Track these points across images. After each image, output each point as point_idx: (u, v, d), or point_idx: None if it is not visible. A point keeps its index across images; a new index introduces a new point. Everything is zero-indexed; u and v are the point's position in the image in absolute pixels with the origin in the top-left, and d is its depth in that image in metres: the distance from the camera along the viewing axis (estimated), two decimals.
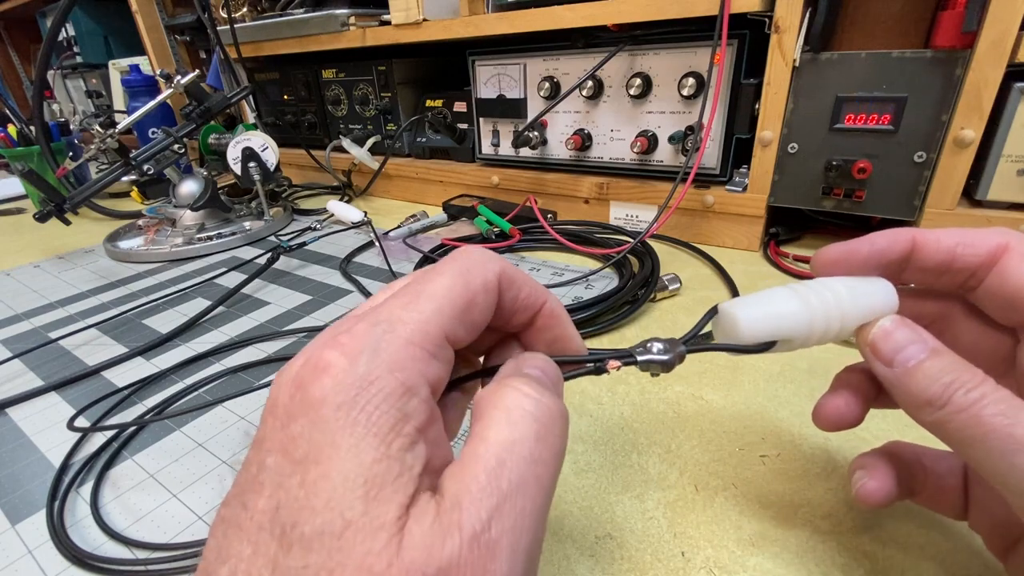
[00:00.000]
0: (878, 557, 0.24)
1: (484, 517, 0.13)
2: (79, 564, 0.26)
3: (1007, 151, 0.45)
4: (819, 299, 0.19)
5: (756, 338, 0.19)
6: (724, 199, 0.59)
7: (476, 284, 0.16)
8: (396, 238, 0.68)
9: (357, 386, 0.13)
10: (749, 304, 0.20)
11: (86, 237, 0.79)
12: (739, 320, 0.19)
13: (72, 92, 1.50)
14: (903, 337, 0.18)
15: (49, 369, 0.44)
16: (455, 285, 0.16)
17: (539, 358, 0.18)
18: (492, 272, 0.17)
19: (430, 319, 0.15)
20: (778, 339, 0.20)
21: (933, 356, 0.17)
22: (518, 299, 0.18)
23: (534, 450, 0.14)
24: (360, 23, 0.79)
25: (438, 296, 0.15)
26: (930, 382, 0.17)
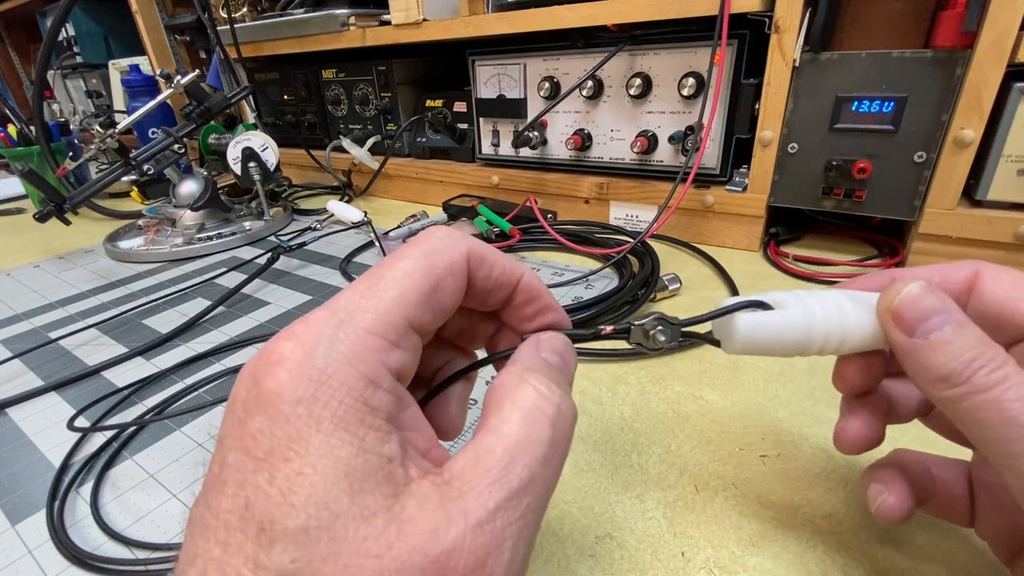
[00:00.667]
0: (878, 557, 0.24)
1: (491, 507, 0.13)
2: (79, 564, 0.26)
3: (1007, 151, 0.45)
4: (824, 317, 0.19)
5: (749, 348, 0.19)
6: (724, 199, 0.59)
7: (441, 266, 0.16)
8: (396, 238, 0.68)
9: (316, 380, 0.13)
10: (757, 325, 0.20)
11: (86, 237, 0.79)
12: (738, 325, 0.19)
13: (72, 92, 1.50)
14: (929, 305, 0.17)
15: (49, 369, 0.44)
16: (417, 269, 0.15)
17: (558, 339, 0.18)
18: (459, 253, 0.16)
19: (390, 307, 0.15)
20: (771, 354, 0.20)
21: (958, 329, 0.16)
22: (491, 277, 0.17)
23: (547, 454, 0.14)
24: (360, 23, 0.79)
25: (399, 281, 0.15)
26: (951, 358, 0.16)
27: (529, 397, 0.15)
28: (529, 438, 0.14)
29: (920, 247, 0.51)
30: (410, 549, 0.12)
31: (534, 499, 0.14)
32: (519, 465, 0.13)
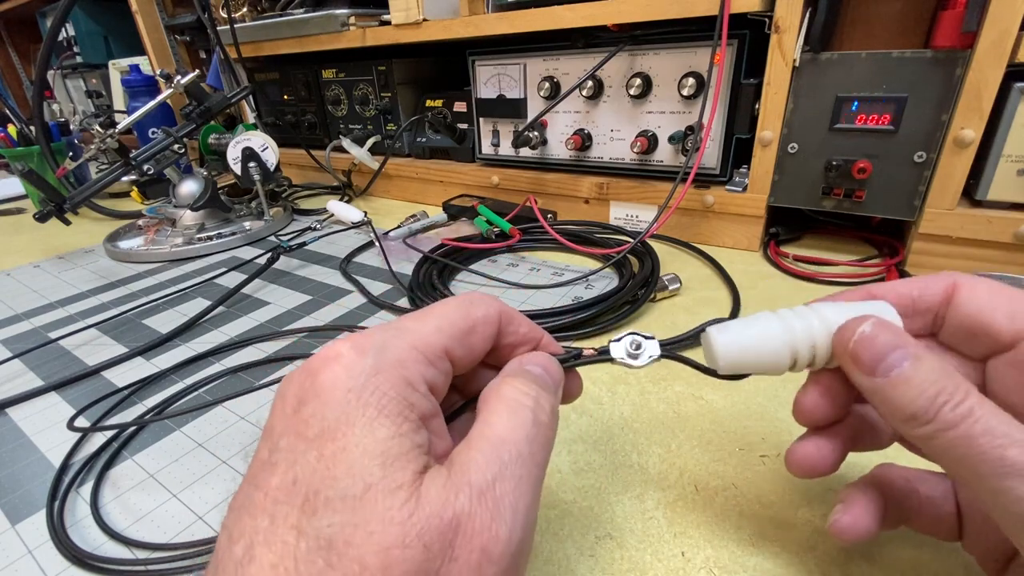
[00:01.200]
0: (877, 557, 0.24)
1: (489, 478, 0.15)
2: (79, 564, 0.26)
3: (1007, 151, 0.45)
4: (805, 328, 0.19)
5: (731, 365, 0.20)
6: (724, 199, 0.59)
7: (477, 314, 0.19)
8: (396, 238, 0.68)
9: (366, 374, 0.15)
10: (731, 331, 0.20)
11: (86, 237, 0.79)
12: (715, 344, 0.20)
13: (72, 92, 1.50)
14: (885, 342, 0.17)
15: (49, 369, 0.44)
16: (459, 312, 0.19)
17: (540, 355, 0.20)
18: (492, 308, 0.20)
19: (432, 333, 0.17)
20: (754, 371, 0.20)
21: (916, 363, 0.16)
22: (519, 333, 0.21)
23: (530, 433, 0.17)
24: (360, 23, 0.79)
25: (443, 316, 0.18)
26: (916, 394, 0.16)
27: (508, 393, 0.18)
28: (513, 422, 0.17)
29: (920, 247, 0.51)
30: (427, 515, 0.14)
31: (523, 471, 0.16)
32: (508, 444, 0.16)
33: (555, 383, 0.20)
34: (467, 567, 0.14)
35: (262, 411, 0.37)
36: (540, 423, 0.17)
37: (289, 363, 0.43)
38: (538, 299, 0.51)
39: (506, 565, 0.15)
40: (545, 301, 0.50)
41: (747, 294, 0.49)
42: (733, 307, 0.47)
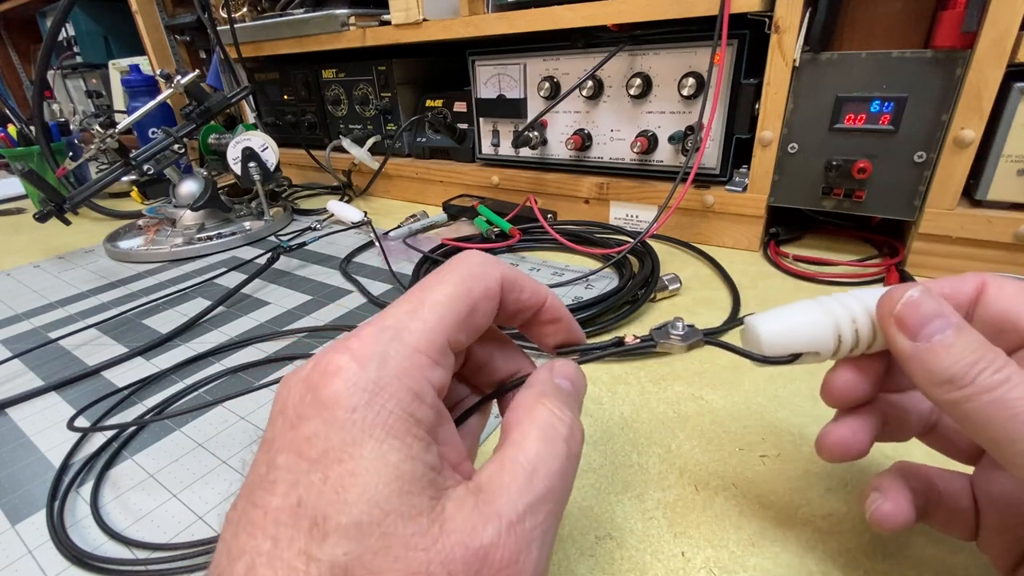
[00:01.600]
0: (877, 557, 0.24)
1: (520, 510, 0.14)
2: (79, 564, 0.26)
3: (1007, 151, 0.45)
4: (844, 309, 0.19)
5: (778, 348, 0.20)
6: (724, 199, 0.59)
7: (478, 291, 0.17)
8: (396, 238, 0.68)
9: (370, 391, 0.14)
10: (772, 318, 0.20)
11: (86, 237, 0.79)
12: (760, 335, 0.20)
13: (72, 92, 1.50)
14: (930, 309, 0.17)
15: (49, 369, 0.44)
16: (458, 293, 0.17)
17: (569, 366, 0.19)
18: (494, 279, 0.18)
19: (435, 327, 0.16)
20: (802, 352, 0.20)
21: (958, 331, 0.17)
22: (521, 299, 0.19)
23: (563, 467, 0.16)
24: (360, 23, 0.79)
25: (442, 304, 0.17)
26: (954, 360, 0.16)
27: (544, 418, 0.16)
28: (547, 452, 0.16)
29: (920, 247, 0.51)
30: (452, 544, 0.13)
31: (553, 505, 0.15)
32: (540, 475, 0.15)
33: (581, 396, 0.19)
34: None
35: (262, 411, 0.37)
36: (572, 455, 0.16)
37: (289, 363, 0.43)
38: None
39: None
40: None
41: (747, 294, 0.49)
42: (733, 307, 0.47)
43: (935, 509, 0.22)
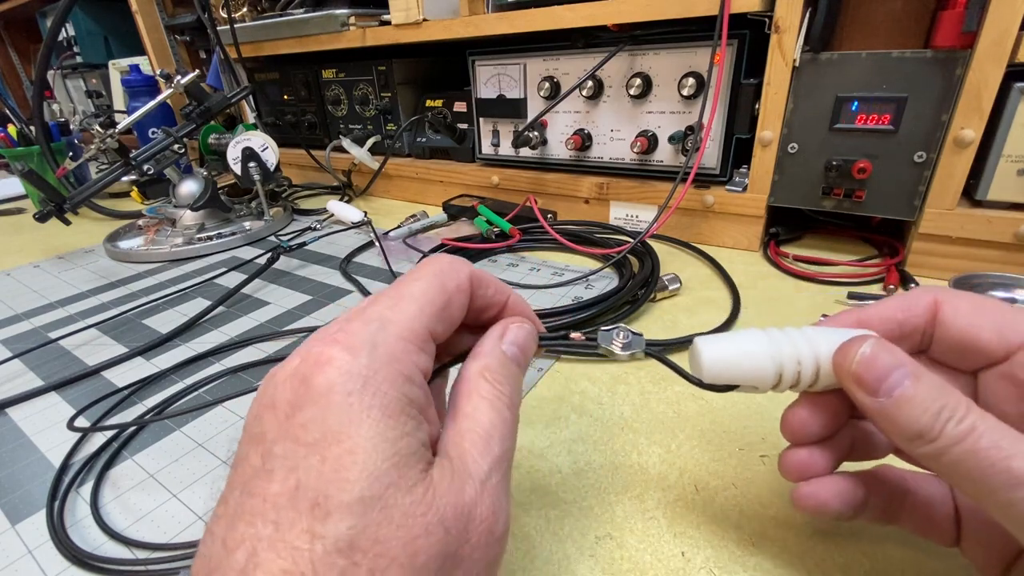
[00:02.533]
0: (878, 557, 0.24)
1: (486, 470, 0.16)
2: (79, 564, 0.26)
3: (1007, 151, 0.45)
4: (791, 347, 0.19)
5: (716, 377, 0.20)
6: (724, 199, 0.59)
7: (451, 286, 0.19)
8: (396, 238, 0.68)
9: (363, 376, 0.15)
10: (717, 345, 0.20)
11: (86, 237, 0.79)
12: (703, 361, 0.20)
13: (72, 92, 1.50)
14: (885, 362, 0.17)
15: (49, 369, 0.44)
16: (433, 287, 0.18)
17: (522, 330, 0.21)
18: (463, 274, 0.20)
19: (415, 317, 0.17)
20: (738, 382, 0.20)
21: (916, 381, 0.17)
22: (487, 295, 0.21)
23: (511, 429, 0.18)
24: (360, 23, 0.79)
25: (418, 298, 0.18)
26: (919, 412, 0.16)
27: (489, 390, 0.18)
28: (497, 420, 0.18)
29: (920, 247, 0.51)
30: (444, 505, 0.15)
31: (507, 462, 0.18)
32: (495, 439, 0.17)
33: (527, 360, 0.21)
34: (479, 547, 0.15)
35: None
36: (515, 418, 0.19)
37: None
38: (538, 299, 0.51)
39: (504, 543, 0.17)
40: (545, 301, 0.50)
41: (747, 294, 0.49)
42: (733, 307, 0.47)
43: (911, 514, 0.22)
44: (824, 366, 0.19)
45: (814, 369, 0.19)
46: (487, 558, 0.16)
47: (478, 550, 0.15)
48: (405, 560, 0.14)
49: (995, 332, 0.18)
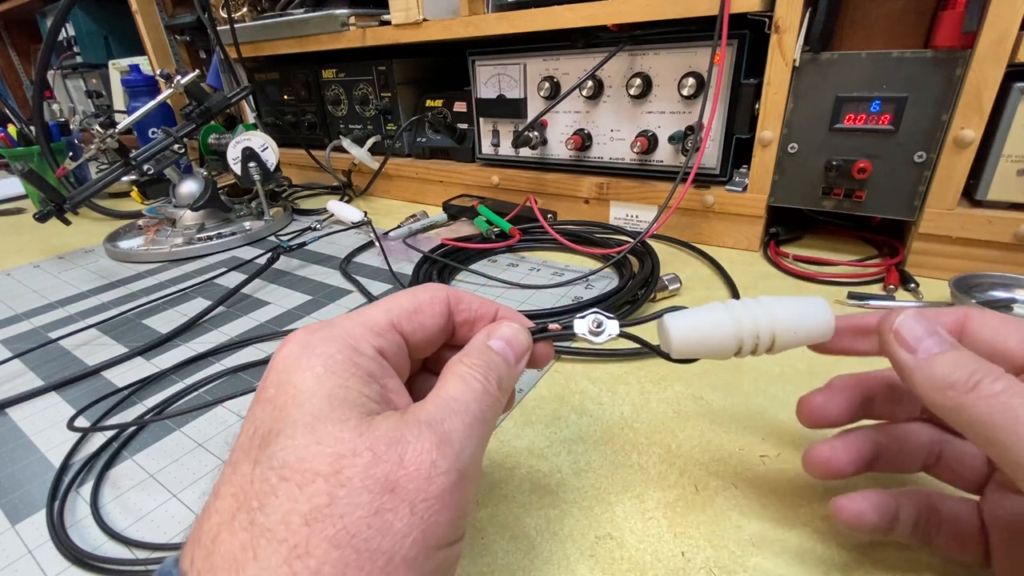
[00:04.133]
0: (878, 557, 0.24)
1: (438, 418, 0.17)
2: (79, 564, 0.26)
3: (1007, 151, 0.45)
4: (751, 318, 0.22)
5: (683, 350, 0.22)
6: (724, 199, 0.59)
7: (422, 296, 0.21)
8: (396, 238, 0.68)
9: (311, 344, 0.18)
10: (685, 319, 0.22)
11: (86, 237, 0.79)
12: (671, 337, 0.22)
13: (72, 92, 1.50)
14: (926, 328, 0.19)
15: (49, 369, 0.44)
16: (402, 296, 0.21)
17: (507, 328, 0.22)
18: (439, 290, 0.22)
19: (380, 313, 0.20)
20: (702, 356, 0.22)
21: (955, 349, 0.19)
22: (472, 308, 0.23)
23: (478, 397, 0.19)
24: (360, 23, 0.79)
25: (389, 300, 0.21)
26: (955, 367, 0.18)
27: (461, 369, 0.19)
28: (463, 388, 0.19)
29: (920, 247, 0.51)
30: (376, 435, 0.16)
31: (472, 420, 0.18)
32: (458, 401, 0.18)
33: (518, 354, 0.22)
34: (416, 478, 0.15)
35: None
36: (489, 392, 0.19)
37: None
38: (538, 299, 0.51)
39: (455, 479, 0.16)
40: (545, 301, 0.50)
41: (747, 294, 0.49)
42: None
43: (938, 531, 0.22)
44: (780, 334, 0.21)
45: (770, 337, 0.22)
46: (427, 492, 0.15)
47: (414, 481, 0.15)
48: (330, 474, 0.15)
49: (1019, 342, 0.19)
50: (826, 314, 0.22)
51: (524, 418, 0.35)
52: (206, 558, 0.15)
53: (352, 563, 0.14)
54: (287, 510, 0.14)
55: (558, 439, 0.33)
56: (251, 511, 0.15)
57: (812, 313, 0.22)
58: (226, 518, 0.15)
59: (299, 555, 0.14)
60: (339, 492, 0.15)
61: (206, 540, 0.15)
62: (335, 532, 0.14)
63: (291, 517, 0.14)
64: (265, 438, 0.16)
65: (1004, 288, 0.44)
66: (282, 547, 0.14)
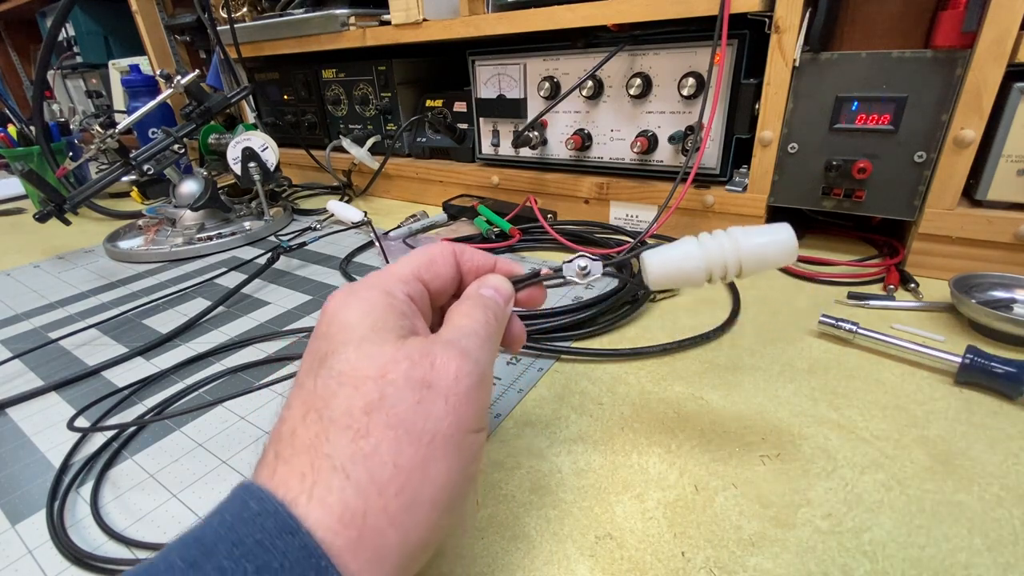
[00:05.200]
0: (878, 557, 0.24)
1: (455, 338, 0.21)
2: (79, 564, 0.26)
3: (1007, 151, 0.45)
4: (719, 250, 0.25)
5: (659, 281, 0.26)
6: (724, 199, 0.59)
7: (434, 250, 0.26)
8: (396, 238, 0.68)
9: (356, 290, 0.22)
10: (660, 254, 0.26)
11: (86, 237, 0.79)
12: (647, 264, 0.26)
13: (72, 92, 1.50)
14: None
15: (49, 369, 0.44)
16: (418, 253, 0.25)
17: (494, 278, 0.26)
18: (447, 245, 0.26)
19: (403, 266, 0.24)
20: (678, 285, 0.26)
21: None
22: (474, 260, 0.27)
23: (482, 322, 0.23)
24: (360, 23, 0.79)
25: (410, 258, 0.25)
26: None
27: (464, 308, 0.23)
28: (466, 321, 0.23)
29: (920, 247, 0.51)
30: (411, 347, 0.20)
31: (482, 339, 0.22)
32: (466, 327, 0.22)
33: (505, 297, 0.26)
34: (447, 374, 0.19)
35: (262, 411, 0.37)
36: (488, 321, 0.23)
37: (289, 363, 0.43)
38: None
39: (476, 380, 0.20)
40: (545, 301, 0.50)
41: (747, 294, 0.49)
42: (733, 307, 0.47)
43: None
44: (746, 261, 0.25)
45: (737, 264, 0.25)
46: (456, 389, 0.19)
47: (444, 380, 0.19)
48: (378, 377, 0.19)
49: None
50: (788, 239, 0.24)
51: (524, 418, 0.35)
52: (289, 446, 0.18)
53: (404, 439, 0.18)
54: (348, 405, 0.18)
55: (558, 439, 0.33)
56: (319, 410, 0.18)
57: (776, 240, 0.24)
58: (298, 419, 0.19)
59: (363, 435, 0.18)
60: (388, 389, 0.18)
61: (285, 436, 0.18)
62: (388, 418, 0.18)
63: (352, 410, 0.18)
64: (323, 360, 0.20)
65: (1004, 288, 0.44)
66: (348, 431, 0.18)
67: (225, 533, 0.16)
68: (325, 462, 0.17)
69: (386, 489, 0.17)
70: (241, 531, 0.16)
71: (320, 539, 0.16)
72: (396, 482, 0.17)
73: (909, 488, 0.28)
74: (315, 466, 0.17)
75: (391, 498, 0.17)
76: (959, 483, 0.28)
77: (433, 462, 0.18)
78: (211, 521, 0.17)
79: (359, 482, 0.17)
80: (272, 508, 0.16)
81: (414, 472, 0.18)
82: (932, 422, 0.33)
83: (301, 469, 0.17)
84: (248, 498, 0.17)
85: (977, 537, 0.25)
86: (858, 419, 0.33)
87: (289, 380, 0.40)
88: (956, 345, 0.38)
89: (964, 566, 0.24)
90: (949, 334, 0.41)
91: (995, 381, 0.34)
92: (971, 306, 0.40)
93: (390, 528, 0.17)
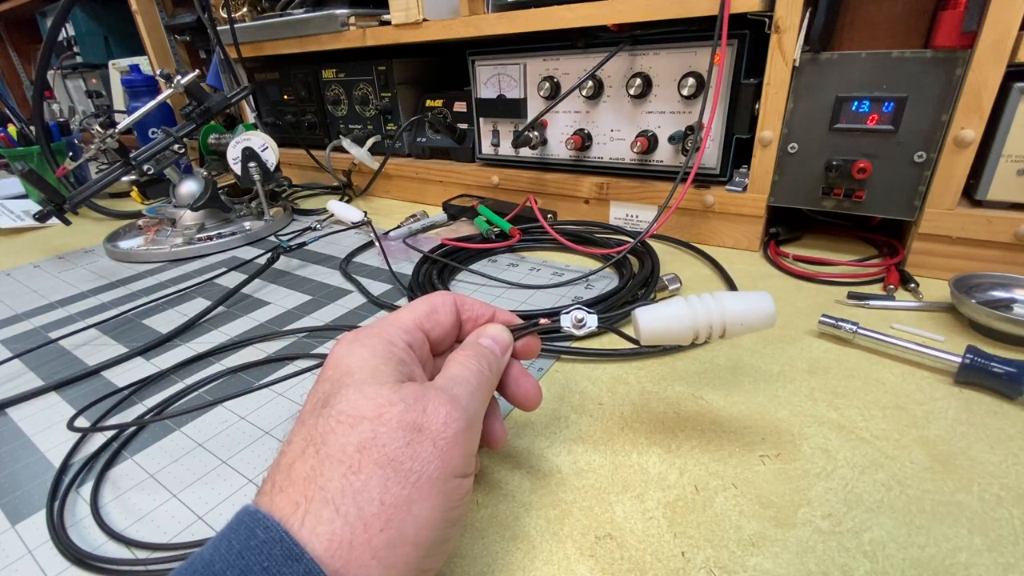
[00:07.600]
0: (878, 557, 0.24)
1: (448, 386, 0.23)
2: (79, 564, 0.26)
3: (1007, 151, 0.45)
4: (706, 312, 0.26)
5: (650, 339, 0.27)
6: (724, 199, 0.59)
7: (436, 300, 0.27)
8: (396, 238, 0.68)
9: (359, 339, 0.24)
10: (652, 312, 0.27)
11: (86, 237, 0.79)
12: (640, 322, 0.27)
13: (72, 92, 1.50)
14: None
15: (49, 369, 0.44)
16: (421, 303, 0.27)
17: (492, 327, 0.27)
18: (448, 296, 0.28)
19: (406, 317, 0.26)
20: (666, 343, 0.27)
21: None
22: (474, 310, 0.28)
23: (476, 374, 0.24)
24: (360, 23, 0.79)
25: (413, 307, 0.27)
26: None
27: (460, 357, 0.25)
28: (461, 370, 0.24)
29: (920, 247, 0.51)
30: (406, 392, 0.21)
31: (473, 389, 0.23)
32: (460, 376, 0.24)
33: (502, 348, 0.27)
34: (436, 420, 0.21)
35: (262, 411, 0.37)
36: (482, 372, 0.24)
37: (289, 363, 0.43)
38: (538, 299, 0.51)
39: (463, 426, 0.21)
40: (545, 301, 0.50)
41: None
42: None
43: None
44: (730, 325, 0.26)
45: (721, 327, 0.26)
46: (444, 434, 0.20)
47: (435, 424, 0.20)
48: (374, 417, 0.20)
49: None
50: (768, 308, 0.26)
51: (524, 418, 0.35)
52: (286, 477, 0.19)
53: (392, 478, 0.19)
54: (343, 442, 0.19)
55: (558, 439, 0.33)
56: (316, 446, 0.20)
57: (757, 308, 0.26)
58: (297, 453, 0.20)
59: (354, 471, 0.19)
60: (381, 429, 0.20)
61: (284, 467, 0.20)
62: (379, 456, 0.19)
63: (347, 446, 0.19)
64: (325, 400, 0.21)
65: (1004, 288, 0.44)
66: (341, 466, 0.19)
67: (234, 560, 0.17)
68: (318, 493, 0.18)
69: (371, 524, 0.18)
70: (249, 559, 0.17)
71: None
72: (382, 518, 0.18)
73: (909, 488, 0.28)
74: (308, 496, 0.18)
75: (376, 533, 0.18)
76: (959, 483, 0.28)
77: (418, 502, 0.19)
78: (218, 547, 0.17)
79: (347, 515, 0.18)
80: (278, 536, 0.17)
81: (399, 510, 0.19)
82: (932, 422, 0.33)
83: (295, 498, 0.18)
84: (255, 526, 0.17)
85: (977, 537, 0.25)
86: (858, 419, 0.33)
87: (289, 380, 0.40)
88: (956, 345, 0.38)
89: (964, 566, 0.24)
90: (949, 334, 0.41)
91: (995, 381, 0.34)
92: (971, 306, 0.40)
93: (373, 561, 0.18)
